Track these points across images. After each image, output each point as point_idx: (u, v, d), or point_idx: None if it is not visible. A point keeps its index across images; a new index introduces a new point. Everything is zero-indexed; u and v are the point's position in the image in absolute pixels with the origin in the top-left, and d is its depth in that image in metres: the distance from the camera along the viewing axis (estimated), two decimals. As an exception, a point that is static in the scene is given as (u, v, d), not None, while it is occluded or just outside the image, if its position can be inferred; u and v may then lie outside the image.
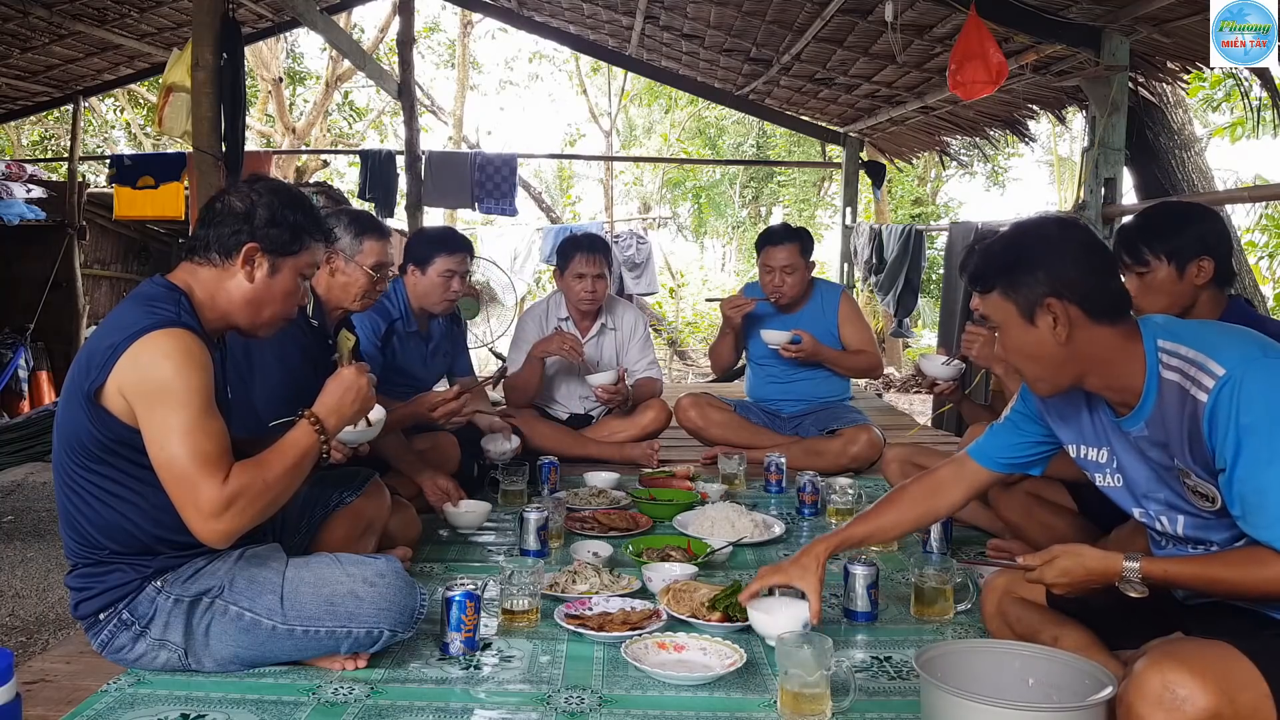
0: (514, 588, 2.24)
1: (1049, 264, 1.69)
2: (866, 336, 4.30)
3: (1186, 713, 1.42)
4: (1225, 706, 1.42)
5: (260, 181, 2.06)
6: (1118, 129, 4.81)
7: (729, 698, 1.91)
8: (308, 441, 1.92)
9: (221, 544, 1.83)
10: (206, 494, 1.76)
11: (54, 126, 14.83)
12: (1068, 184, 15.14)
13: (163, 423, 1.77)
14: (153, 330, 1.79)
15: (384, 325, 3.47)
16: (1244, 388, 1.55)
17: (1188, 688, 1.43)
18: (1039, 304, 1.69)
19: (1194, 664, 1.46)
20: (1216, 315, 2.35)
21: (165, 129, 5.18)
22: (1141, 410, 1.71)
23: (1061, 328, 1.68)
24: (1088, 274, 1.69)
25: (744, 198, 19.76)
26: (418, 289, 3.57)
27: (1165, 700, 1.43)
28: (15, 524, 4.61)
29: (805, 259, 4.18)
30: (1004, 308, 1.75)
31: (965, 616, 2.36)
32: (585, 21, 8.27)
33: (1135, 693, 1.47)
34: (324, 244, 2.11)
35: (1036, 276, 1.69)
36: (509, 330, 8.79)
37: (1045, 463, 2.07)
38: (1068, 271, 1.68)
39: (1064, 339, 1.69)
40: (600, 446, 4.21)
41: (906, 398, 10.78)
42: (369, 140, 17.17)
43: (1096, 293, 1.68)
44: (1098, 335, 1.69)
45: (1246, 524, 1.57)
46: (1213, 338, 1.67)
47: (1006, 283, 1.73)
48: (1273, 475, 1.53)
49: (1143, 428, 1.72)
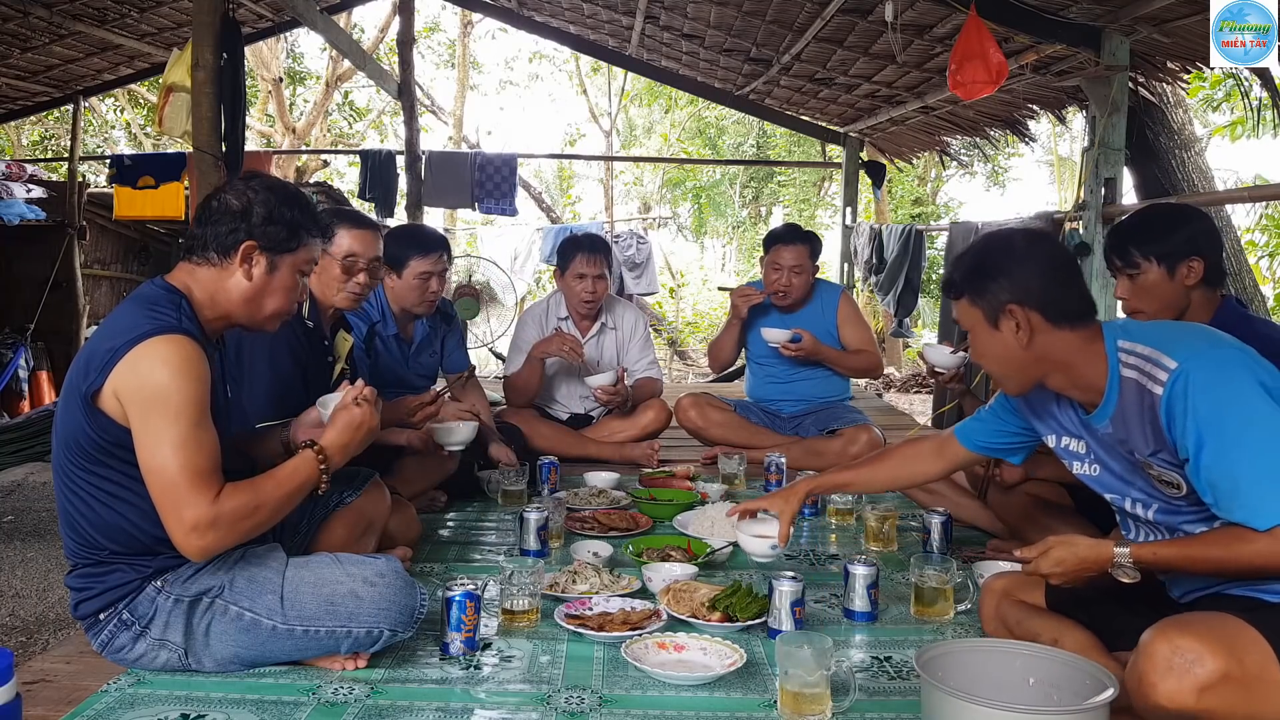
0: (514, 588, 2.24)
1: (1011, 273, 1.82)
2: (866, 336, 4.30)
3: (1197, 675, 1.47)
4: (1234, 667, 1.47)
5: (256, 178, 2.05)
6: (1118, 129, 4.81)
7: (729, 698, 1.91)
8: (308, 473, 1.93)
9: (198, 559, 1.84)
10: (194, 509, 1.76)
11: (54, 126, 14.82)
12: (1068, 184, 15.14)
13: (156, 430, 1.77)
14: (153, 336, 1.79)
15: (365, 328, 3.45)
16: (1193, 378, 1.65)
17: (1196, 651, 1.48)
18: (1002, 310, 1.82)
19: (1200, 630, 1.52)
20: (1209, 315, 2.37)
21: (165, 129, 5.18)
22: (1106, 407, 1.81)
23: (1023, 332, 1.81)
24: (1048, 282, 1.80)
25: (744, 198, 19.75)
26: (396, 292, 3.50)
27: (1176, 665, 1.48)
28: (15, 524, 4.61)
29: (813, 262, 4.19)
30: (971, 313, 1.88)
31: (965, 616, 2.36)
32: (585, 21, 8.27)
33: (1145, 662, 1.52)
34: (322, 240, 2.10)
35: (1000, 284, 1.82)
36: (509, 330, 8.79)
37: (1025, 452, 2.20)
38: (1029, 280, 1.80)
39: (1026, 343, 1.81)
40: (600, 446, 4.21)
41: (906, 398, 10.78)
42: (369, 140, 17.18)
43: (1057, 299, 1.80)
44: (1058, 339, 1.81)
45: (1221, 509, 1.63)
46: (1167, 335, 1.79)
47: (973, 290, 1.87)
48: (1238, 458, 1.60)
49: (1108, 424, 1.82)
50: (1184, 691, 1.47)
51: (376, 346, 3.51)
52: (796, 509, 2.31)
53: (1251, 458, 1.59)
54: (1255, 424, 1.61)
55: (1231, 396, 1.63)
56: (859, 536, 3.05)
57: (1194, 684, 1.46)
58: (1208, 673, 1.46)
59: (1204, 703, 1.47)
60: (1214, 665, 1.46)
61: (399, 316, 3.57)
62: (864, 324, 4.34)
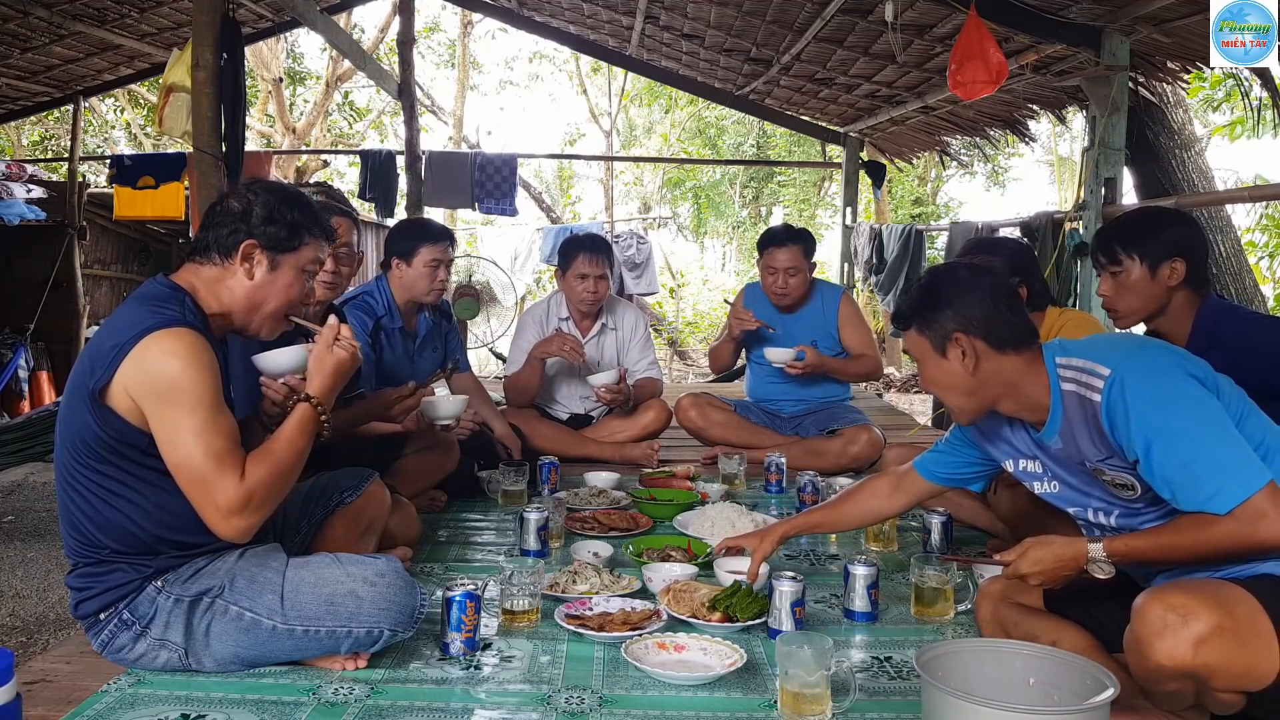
0: (514, 588, 2.24)
1: (955, 303, 1.91)
2: (867, 339, 4.29)
3: (1192, 629, 1.53)
4: (1225, 619, 1.53)
5: (259, 183, 2.09)
6: (1118, 129, 4.81)
7: (729, 698, 1.91)
8: (311, 423, 1.96)
9: (243, 539, 1.87)
10: (225, 492, 1.79)
11: (54, 126, 14.82)
12: (1068, 184, 15.14)
13: (175, 423, 1.78)
14: (158, 329, 1.80)
15: (370, 322, 3.47)
16: (1128, 381, 1.74)
17: (1187, 606, 1.54)
18: (948, 338, 1.92)
19: (1189, 587, 1.60)
20: (1190, 316, 2.42)
21: (165, 129, 5.18)
22: (1053, 423, 1.90)
23: (969, 359, 1.90)
24: (991, 311, 1.90)
25: (744, 198, 19.76)
26: (404, 281, 3.56)
27: (1170, 622, 1.54)
28: (15, 524, 4.61)
29: (808, 261, 4.18)
30: (920, 343, 1.98)
31: (965, 616, 2.36)
32: (585, 21, 8.27)
33: (1140, 624, 1.58)
34: (325, 240, 2.11)
35: (946, 314, 1.92)
36: (509, 330, 8.80)
37: (984, 480, 2.30)
38: (973, 310, 1.90)
39: (972, 369, 1.91)
40: (600, 446, 4.21)
41: (906, 398, 10.79)
42: (369, 140, 17.17)
43: (999, 327, 1.89)
44: (1003, 364, 1.90)
45: (1180, 502, 1.70)
46: (1098, 345, 1.89)
47: (921, 320, 1.96)
48: (1186, 449, 1.67)
49: (1057, 439, 1.91)
50: (1181, 646, 1.52)
51: (381, 341, 3.53)
52: (769, 550, 2.35)
53: (1198, 447, 1.67)
54: (1194, 414, 1.69)
55: (1167, 392, 1.72)
56: (859, 536, 3.04)
57: (1190, 638, 1.52)
58: (1202, 626, 1.52)
59: (1201, 657, 1.52)
60: (1207, 618, 1.52)
61: (404, 309, 3.61)
62: (865, 326, 4.33)
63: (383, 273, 3.64)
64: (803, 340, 4.15)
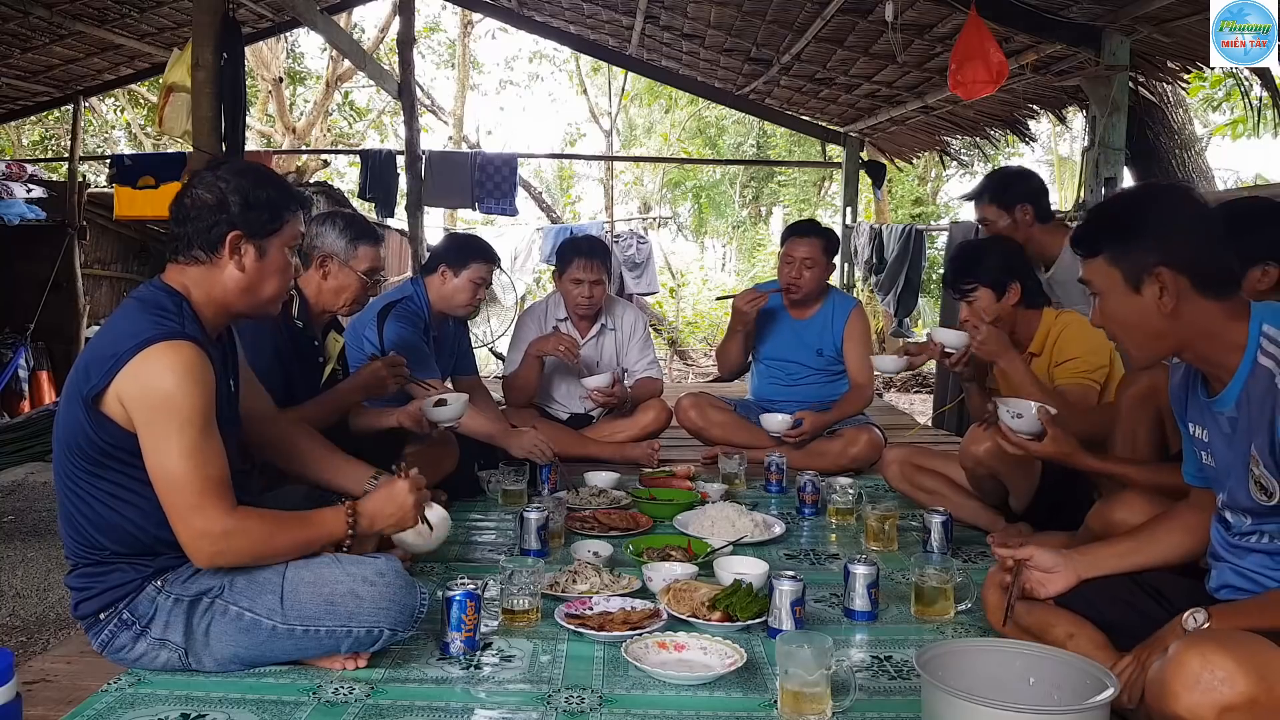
0: (514, 588, 2.24)
1: (1162, 233, 1.66)
2: (865, 362, 4.19)
3: (1224, 694, 1.41)
4: (1263, 694, 1.40)
5: (222, 167, 2.02)
6: (1118, 129, 4.81)
7: (729, 698, 1.91)
8: (335, 527, 1.97)
9: (205, 565, 1.88)
10: (204, 519, 1.80)
11: (54, 126, 14.81)
12: (1068, 184, 15.12)
13: (162, 437, 1.78)
14: (158, 342, 1.79)
15: (422, 326, 3.54)
16: None
17: (1228, 670, 1.41)
18: (1148, 272, 1.66)
19: (1235, 649, 1.44)
20: None
21: (165, 129, 5.19)
22: (1231, 391, 1.68)
23: (1168, 298, 1.65)
24: (1201, 247, 1.66)
25: (744, 198, 19.75)
26: (444, 290, 3.60)
27: (1203, 681, 1.42)
28: (15, 524, 4.60)
29: (826, 258, 4.18)
30: (1109, 274, 1.72)
31: (965, 616, 2.36)
32: (585, 21, 8.27)
33: (1173, 672, 1.46)
34: (302, 211, 2.08)
35: (1148, 244, 1.66)
36: (509, 330, 8.79)
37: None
38: (1181, 242, 1.65)
39: (1169, 310, 1.66)
40: (600, 446, 4.21)
41: (907, 397, 10.79)
42: (369, 140, 17.17)
43: (1208, 266, 1.65)
44: (1203, 309, 1.66)
45: None
46: None
47: (1115, 248, 1.69)
48: None
49: (1232, 409, 1.69)
50: (1205, 707, 1.42)
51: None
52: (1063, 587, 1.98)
53: None
54: None
55: None
56: (859, 536, 3.04)
57: (1217, 702, 1.41)
58: (1235, 694, 1.41)
59: None
60: (1243, 688, 1.40)
61: (435, 317, 3.67)
62: (867, 348, 4.24)
63: (420, 275, 3.66)
64: (807, 346, 4.19)
